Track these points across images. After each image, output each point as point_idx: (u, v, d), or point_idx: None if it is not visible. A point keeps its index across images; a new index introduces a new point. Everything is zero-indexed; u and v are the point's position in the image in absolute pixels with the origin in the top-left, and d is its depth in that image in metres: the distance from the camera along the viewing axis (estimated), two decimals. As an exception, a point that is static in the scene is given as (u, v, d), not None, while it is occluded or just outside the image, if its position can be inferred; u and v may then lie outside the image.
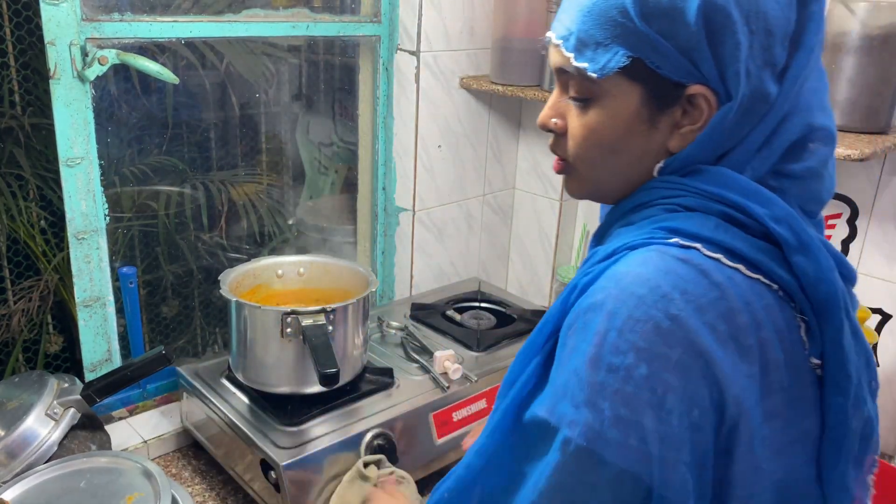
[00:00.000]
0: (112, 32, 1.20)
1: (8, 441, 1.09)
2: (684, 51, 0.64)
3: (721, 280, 0.61)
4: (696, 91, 0.65)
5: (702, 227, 0.64)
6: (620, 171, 0.71)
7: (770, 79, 0.65)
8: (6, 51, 1.65)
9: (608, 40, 0.66)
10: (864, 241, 1.33)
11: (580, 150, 0.72)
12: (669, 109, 0.67)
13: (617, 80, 0.67)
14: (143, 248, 1.90)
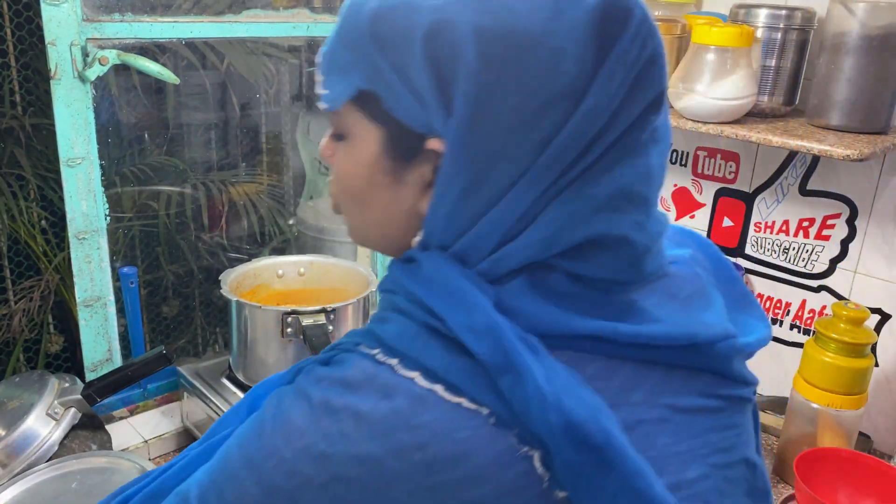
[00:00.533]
0: (113, 33, 1.20)
1: (8, 441, 1.09)
2: (416, 92, 0.51)
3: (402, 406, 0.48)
4: (433, 146, 0.52)
5: (400, 336, 0.52)
6: (376, 228, 0.60)
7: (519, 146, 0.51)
8: (7, 51, 1.65)
9: (348, 65, 0.55)
10: (864, 241, 1.33)
11: (335, 195, 0.62)
12: (416, 164, 0.54)
13: (356, 118, 0.56)
14: (143, 248, 1.90)
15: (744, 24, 1.23)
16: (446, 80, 0.50)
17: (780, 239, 1.43)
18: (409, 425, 0.47)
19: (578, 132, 0.50)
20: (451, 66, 0.49)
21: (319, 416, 0.50)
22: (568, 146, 0.50)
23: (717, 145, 1.48)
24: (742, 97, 1.19)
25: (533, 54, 0.48)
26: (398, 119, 0.53)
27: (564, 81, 0.49)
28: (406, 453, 0.47)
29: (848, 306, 1.19)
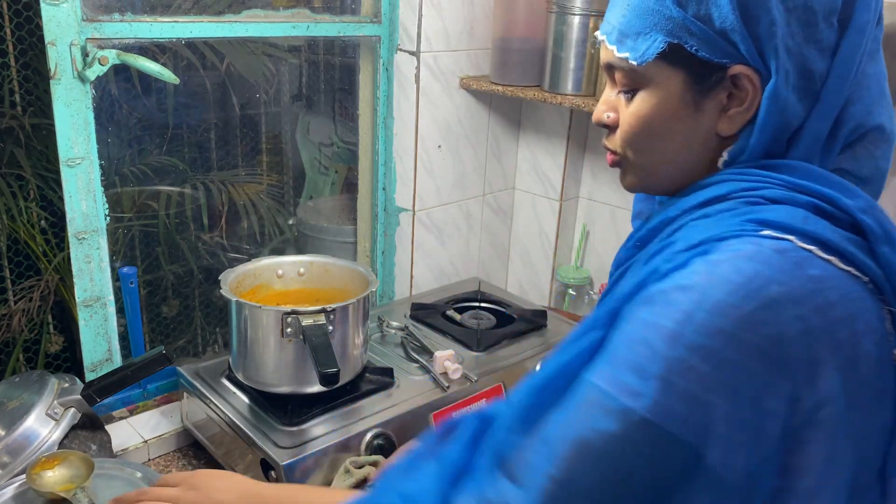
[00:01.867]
0: (112, 33, 1.20)
1: (8, 441, 1.09)
2: (721, 32, 0.65)
3: (817, 273, 0.60)
4: (737, 71, 0.66)
5: (792, 218, 0.63)
6: (672, 158, 0.72)
7: (816, 56, 0.66)
8: (7, 51, 1.65)
9: (647, 29, 0.68)
10: (864, 241, 1.33)
11: (630, 139, 0.73)
12: (713, 92, 0.68)
13: (658, 67, 0.69)
14: (143, 248, 1.90)
15: (744, 24, 1.23)
16: (754, 17, 0.64)
17: (781, 239, 1.43)
18: (820, 288, 0.60)
19: (860, 30, 0.67)
20: (757, 5, 0.64)
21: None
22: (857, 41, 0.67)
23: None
24: (742, 97, 1.19)
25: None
26: (701, 58, 0.66)
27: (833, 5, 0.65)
28: (824, 309, 0.59)
29: (848, 306, 1.19)
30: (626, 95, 0.73)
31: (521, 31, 1.52)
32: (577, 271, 1.72)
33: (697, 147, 0.71)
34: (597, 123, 0.76)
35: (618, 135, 0.75)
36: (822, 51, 0.66)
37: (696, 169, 0.72)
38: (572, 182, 1.70)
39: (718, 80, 0.67)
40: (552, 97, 1.44)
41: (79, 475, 1.03)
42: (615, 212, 1.67)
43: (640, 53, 0.69)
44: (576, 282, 1.69)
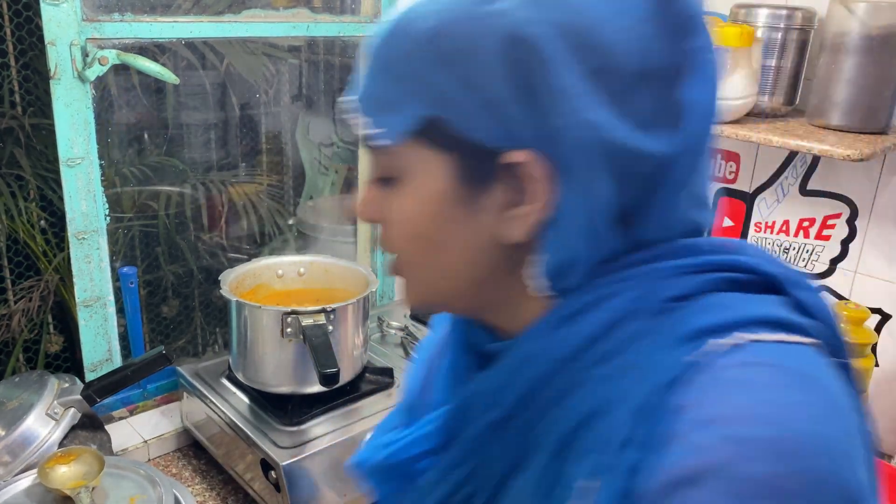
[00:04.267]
0: (112, 32, 1.20)
1: (8, 441, 1.09)
2: (491, 104, 0.47)
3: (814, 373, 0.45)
4: (516, 159, 0.48)
5: (733, 309, 0.47)
6: (454, 273, 0.54)
7: (638, 133, 0.48)
8: (6, 51, 1.65)
9: (401, 97, 0.50)
10: (864, 241, 1.33)
11: (398, 246, 0.56)
12: (492, 186, 0.50)
13: (418, 150, 0.51)
14: (143, 248, 1.90)
15: (744, 23, 1.23)
16: (534, 85, 0.46)
17: (781, 239, 1.43)
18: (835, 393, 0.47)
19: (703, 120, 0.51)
20: (538, 67, 0.46)
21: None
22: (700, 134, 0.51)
23: (718, 145, 1.48)
24: (742, 97, 1.19)
25: (618, 43, 0.47)
26: (471, 139, 0.49)
27: (657, 63, 0.48)
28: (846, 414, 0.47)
29: (848, 306, 1.19)
30: (385, 186, 0.54)
31: (521, 31, 1.52)
32: (577, 271, 1.72)
33: (483, 258, 0.53)
34: (360, 218, 0.59)
35: (385, 236, 0.57)
36: (649, 125, 0.48)
37: (495, 286, 0.54)
38: (572, 182, 1.70)
39: (497, 168, 0.49)
40: (552, 97, 1.44)
41: (90, 473, 1.03)
42: (615, 212, 1.67)
43: (392, 130, 0.51)
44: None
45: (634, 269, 0.50)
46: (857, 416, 0.45)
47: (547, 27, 0.46)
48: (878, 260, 1.32)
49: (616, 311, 0.48)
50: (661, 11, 0.48)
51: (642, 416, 0.44)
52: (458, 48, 0.48)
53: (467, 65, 0.47)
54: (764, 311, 0.47)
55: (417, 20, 0.49)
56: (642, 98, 0.48)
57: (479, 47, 0.47)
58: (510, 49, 0.46)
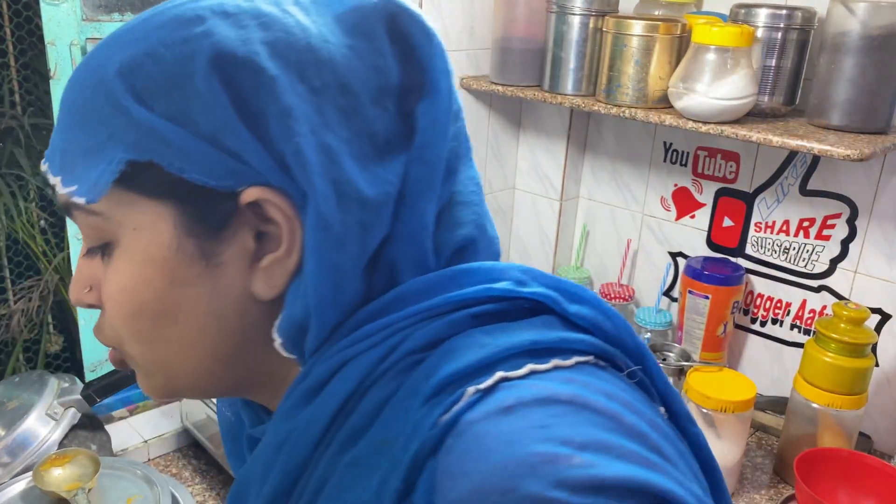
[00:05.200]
0: (112, 32, 1.21)
1: (8, 441, 1.09)
2: (212, 136, 0.41)
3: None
4: (251, 198, 0.42)
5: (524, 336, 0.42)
6: (199, 347, 0.45)
7: (373, 155, 0.44)
8: (6, 51, 1.65)
9: (100, 144, 0.42)
10: (864, 241, 1.33)
11: (124, 328, 0.46)
12: (228, 234, 0.43)
13: (128, 204, 0.43)
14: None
15: (744, 23, 1.23)
16: (255, 108, 0.41)
17: (781, 239, 1.43)
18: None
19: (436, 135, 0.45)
20: (256, 89, 0.41)
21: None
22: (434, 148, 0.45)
23: (718, 145, 1.48)
24: (742, 97, 1.19)
25: (338, 60, 0.43)
26: (191, 181, 0.41)
27: (385, 80, 0.44)
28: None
29: (848, 306, 1.19)
30: (100, 256, 0.46)
31: (521, 31, 1.51)
32: (577, 271, 1.72)
33: (233, 324, 0.45)
34: (77, 304, 0.48)
35: (101, 323, 0.48)
36: (382, 146, 0.44)
37: (252, 356, 0.46)
38: (572, 182, 1.70)
39: (231, 213, 0.42)
40: (552, 97, 1.44)
41: (86, 474, 1.03)
42: (615, 212, 1.67)
43: (91, 184, 0.43)
44: (576, 281, 1.69)
45: (378, 320, 0.43)
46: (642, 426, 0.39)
47: (259, 45, 0.41)
48: (878, 260, 1.32)
49: (359, 379, 0.42)
50: (385, 28, 0.45)
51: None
52: (159, 80, 0.41)
53: (174, 95, 0.41)
54: (521, 340, 0.41)
55: (109, 57, 0.43)
56: (374, 116, 0.43)
57: (185, 74, 0.41)
58: (223, 70, 0.41)
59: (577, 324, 0.44)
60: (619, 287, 1.63)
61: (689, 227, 1.55)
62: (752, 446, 1.36)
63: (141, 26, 0.43)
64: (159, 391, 0.49)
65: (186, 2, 0.44)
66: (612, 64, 1.31)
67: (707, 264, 1.45)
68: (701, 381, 1.21)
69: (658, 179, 1.57)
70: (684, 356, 1.37)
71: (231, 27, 0.42)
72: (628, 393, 0.41)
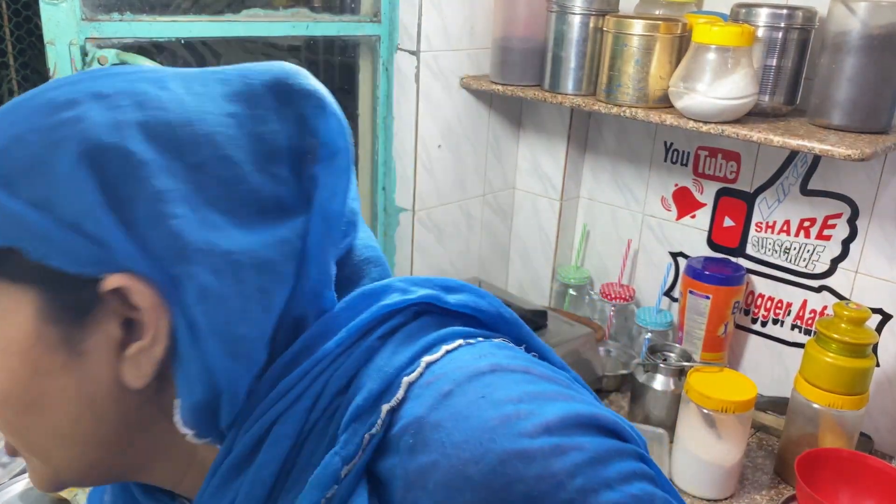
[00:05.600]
0: (112, 32, 1.20)
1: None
2: (74, 222, 0.40)
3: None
4: (113, 284, 0.41)
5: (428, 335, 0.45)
6: (75, 437, 0.44)
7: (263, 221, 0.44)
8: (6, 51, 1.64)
9: None
10: (865, 241, 1.33)
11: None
12: (92, 322, 0.42)
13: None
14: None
15: (745, 23, 1.22)
16: (122, 194, 0.40)
17: (781, 239, 1.43)
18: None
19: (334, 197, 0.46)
20: (125, 174, 0.40)
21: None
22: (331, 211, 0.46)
23: (718, 145, 1.47)
24: (743, 97, 1.19)
25: (217, 132, 0.43)
26: (54, 268, 0.41)
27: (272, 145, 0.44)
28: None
29: (849, 306, 1.19)
30: None
31: (521, 31, 1.51)
32: (578, 271, 1.72)
33: (109, 412, 0.44)
34: None
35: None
36: (274, 210, 0.44)
37: (138, 440, 0.45)
38: (572, 182, 1.70)
39: (94, 300, 0.42)
40: (552, 97, 1.44)
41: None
42: (615, 212, 1.66)
43: None
44: (576, 282, 1.69)
45: (293, 372, 0.43)
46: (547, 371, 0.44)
47: (131, 129, 0.41)
48: (878, 260, 1.32)
49: (294, 435, 0.42)
50: (272, 94, 0.46)
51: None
52: (24, 165, 0.41)
53: (38, 180, 0.40)
54: (431, 338, 0.44)
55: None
56: (260, 183, 0.43)
57: (52, 160, 0.40)
58: (90, 157, 0.40)
59: (459, 311, 0.48)
60: (620, 287, 1.63)
61: (689, 227, 1.55)
62: (753, 447, 1.36)
63: (16, 110, 0.43)
64: (46, 484, 0.48)
65: (65, 83, 0.44)
66: (613, 63, 1.31)
67: (708, 264, 1.45)
68: (701, 382, 1.21)
69: (658, 179, 1.57)
70: (685, 356, 1.37)
71: (104, 110, 0.41)
72: (518, 352, 0.47)
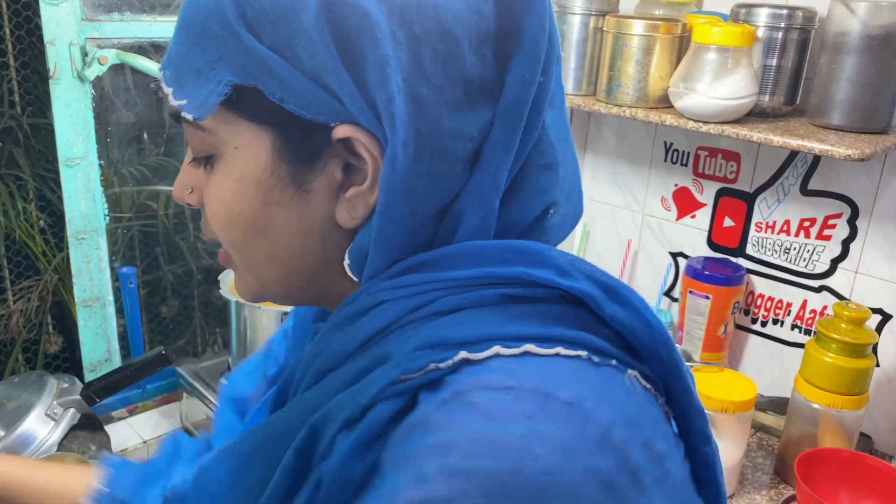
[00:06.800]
0: (112, 32, 1.20)
1: (8, 441, 1.09)
2: (312, 74, 0.43)
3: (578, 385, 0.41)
4: (344, 134, 0.44)
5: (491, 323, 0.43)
6: (285, 261, 0.50)
7: (464, 103, 0.44)
8: (6, 51, 1.64)
9: (211, 64, 0.45)
10: (865, 241, 1.33)
11: (219, 233, 0.51)
12: (321, 164, 0.46)
13: (232, 125, 0.47)
14: (142, 248, 1.90)
15: (745, 23, 1.22)
16: (356, 52, 0.42)
17: (781, 239, 1.43)
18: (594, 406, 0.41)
19: (527, 85, 0.45)
20: (359, 33, 0.42)
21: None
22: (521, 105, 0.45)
23: (718, 145, 1.47)
24: (743, 97, 1.19)
25: (442, 4, 0.43)
26: (291, 111, 0.44)
27: (485, 27, 0.44)
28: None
29: (849, 306, 1.19)
30: (203, 165, 0.50)
31: (521, 31, 1.52)
32: (578, 271, 1.72)
33: (316, 246, 0.49)
34: (179, 201, 0.53)
35: (205, 222, 0.52)
36: (475, 95, 0.45)
37: (329, 274, 0.50)
38: (572, 182, 1.70)
39: (323, 145, 0.45)
40: (552, 97, 1.43)
41: None
42: (615, 212, 1.66)
43: (200, 102, 0.46)
44: (576, 282, 1.69)
45: (420, 274, 0.45)
46: (633, 449, 0.40)
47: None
48: (878, 260, 1.32)
49: (389, 320, 0.45)
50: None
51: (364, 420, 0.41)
52: (269, 12, 0.43)
53: (281, 28, 0.43)
54: (532, 327, 0.42)
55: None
56: (471, 62, 0.44)
57: (294, 10, 0.43)
58: (331, 11, 0.42)
59: (611, 325, 0.44)
60: (620, 287, 1.63)
61: (689, 227, 1.55)
62: (753, 447, 1.36)
63: None
64: (250, 295, 0.54)
65: None
66: (613, 64, 1.31)
67: (708, 264, 1.44)
68: (701, 382, 1.21)
69: (658, 179, 1.57)
70: (685, 356, 1.37)
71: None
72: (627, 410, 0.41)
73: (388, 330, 0.45)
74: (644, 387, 0.44)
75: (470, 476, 0.37)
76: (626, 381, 0.43)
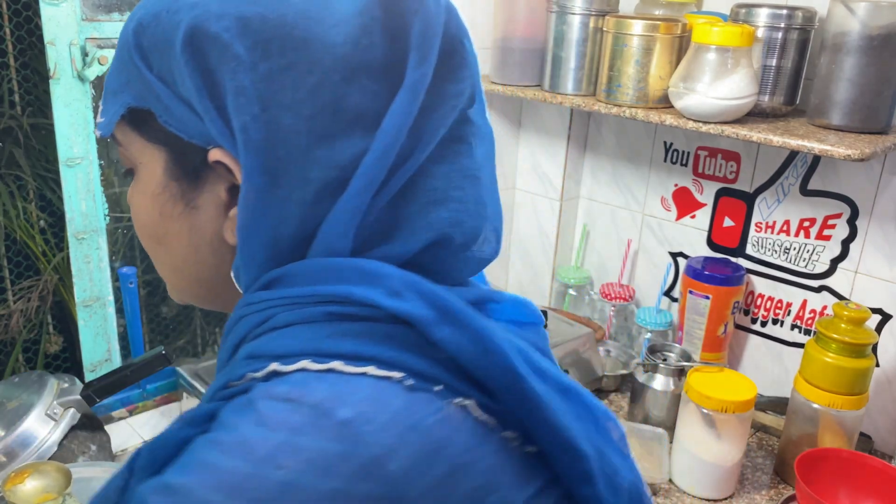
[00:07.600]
0: (112, 32, 1.20)
1: (8, 441, 1.09)
2: (187, 99, 0.47)
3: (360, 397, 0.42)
4: (215, 157, 0.48)
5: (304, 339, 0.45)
6: (184, 270, 0.54)
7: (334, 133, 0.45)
8: (6, 51, 1.64)
9: (122, 87, 0.51)
10: (864, 241, 1.33)
11: (139, 238, 0.56)
12: (204, 184, 0.50)
13: (137, 143, 0.51)
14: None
15: (744, 23, 1.22)
16: (217, 81, 0.45)
17: (781, 239, 1.43)
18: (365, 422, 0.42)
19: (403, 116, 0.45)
20: (219, 63, 0.45)
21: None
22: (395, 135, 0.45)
23: (718, 145, 1.48)
24: (743, 97, 1.19)
25: (315, 38, 0.45)
26: (175, 133, 0.49)
27: (366, 58, 0.45)
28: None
29: (849, 306, 1.19)
30: (130, 177, 0.55)
31: (521, 31, 1.51)
32: (578, 271, 1.72)
33: (210, 257, 0.52)
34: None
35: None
36: (349, 124, 0.45)
37: (228, 286, 0.53)
38: (572, 182, 1.70)
39: (204, 166, 0.49)
40: (552, 97, 1.44)
41: (55, 485, 0.99)
42: (615, 212, 1.66)
43: (107, 121, 0.52)
44: (576, 282, 1.69)
45: (264, 292, 0.47)
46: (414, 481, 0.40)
47: (233, 21, 0.45)
48: (878, 260, 1.32)
49: (241, 336, 0.48)
50: (377, 7, 0.46)
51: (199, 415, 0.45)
52: (155, 41, 0.48)
53: (165, 58, 0.47)
54: (346, 345, 0.44)
55: (136, 12, 0.51)
56: (344, 93, 0.45)
57: (170, 41, 0.47)
58: (194, 42, 0.46)
59: (436, 346, 0.44)
60: (620, 287, 1.63)
61: (689, 227, 1.55)
62: (753, 447, 1.36)
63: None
64: (173, 296, 0.59)
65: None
66: (613, 64, 1.31)
67: (707, 264, 1.45)
68: (701, 382, 1.21)
69: (658, 179, 1.57)
70: (685, 356, 1.37)
71: (219, 1, 0.46)
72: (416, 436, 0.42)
73: (243, 342, 0.48)
74: (478, 418, 0.44)
75: (214, 470, 0.40)
76: (443, 409, 0.43)
